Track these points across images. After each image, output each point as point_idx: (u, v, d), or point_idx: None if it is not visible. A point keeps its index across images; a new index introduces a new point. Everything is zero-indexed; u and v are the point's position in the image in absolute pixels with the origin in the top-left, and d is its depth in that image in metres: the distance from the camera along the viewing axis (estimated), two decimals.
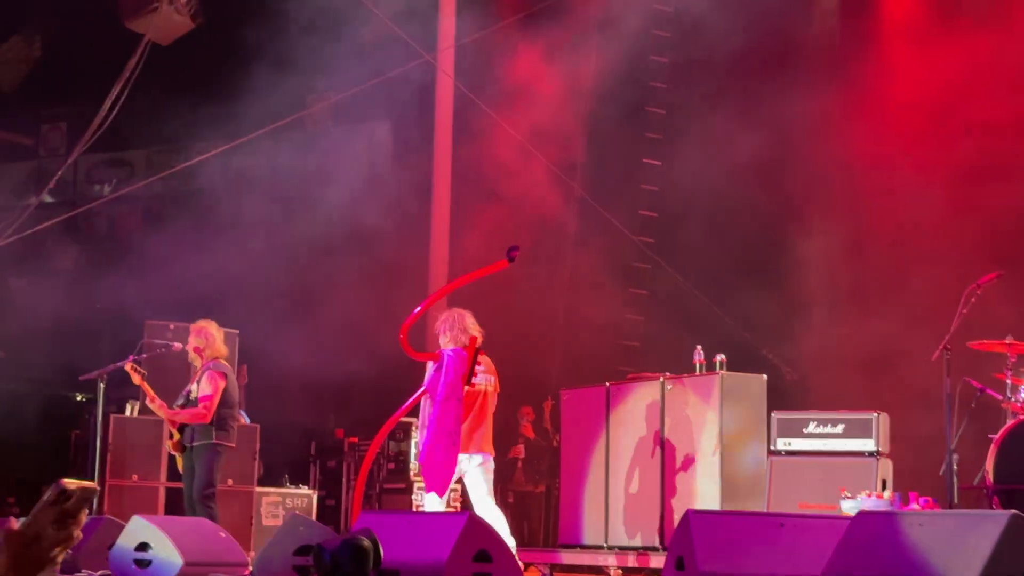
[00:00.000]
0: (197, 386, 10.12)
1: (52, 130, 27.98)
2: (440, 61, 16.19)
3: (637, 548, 10.61)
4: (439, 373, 9.09)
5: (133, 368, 10.20)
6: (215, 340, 10.39)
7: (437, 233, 16.35)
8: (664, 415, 10.60)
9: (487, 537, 6.50)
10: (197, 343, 10.29)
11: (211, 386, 10.05)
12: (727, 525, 5.39)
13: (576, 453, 11.37)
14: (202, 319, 10.59)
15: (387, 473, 14.42)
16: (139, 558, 8.16)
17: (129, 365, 10.26)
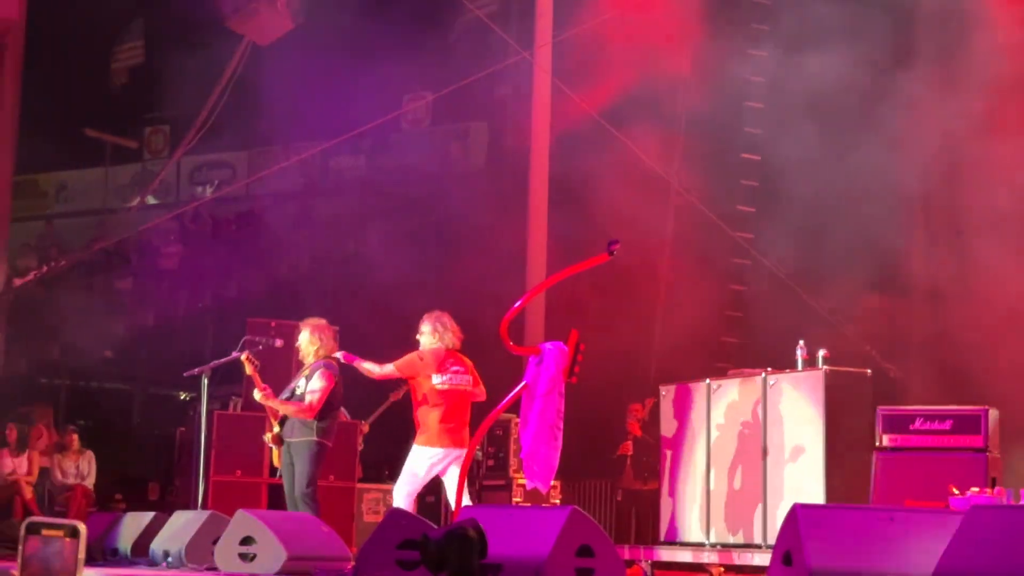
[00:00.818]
0: (305, 382, 10.15)
1: (155, 133, 28.43)
2: (537, 57, 16.16)
3: (739, 545, 10.50)
4: (539, 367, 9.07)
5: (248, 359, 10.24)
6: (328, 338, 10.41)
7: (535, 229, 16.33)
8: (766, 411, 10.48)
9: (590, 532, 6.46)
10: (310, 340, 10.30)
11: (321, 384, 10.07)
12: (835, 519, 5.30)
13: (677, 450, 11.29)
14: (312, 317, 10.62)
15: (487, 470, 14.43)
16: (244, 552, 8.25)
17: (245, 355, 10.28)
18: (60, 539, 1.95)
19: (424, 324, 10.35)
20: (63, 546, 1.95)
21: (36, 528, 1.95)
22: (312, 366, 10.22)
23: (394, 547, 7.38)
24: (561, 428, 9.10)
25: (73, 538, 1.95)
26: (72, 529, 1.96)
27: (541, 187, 16.55)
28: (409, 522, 7.52)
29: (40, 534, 1.95)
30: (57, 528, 1.96)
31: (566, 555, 6.30)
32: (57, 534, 1.95)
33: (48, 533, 1.95)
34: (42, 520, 1.96)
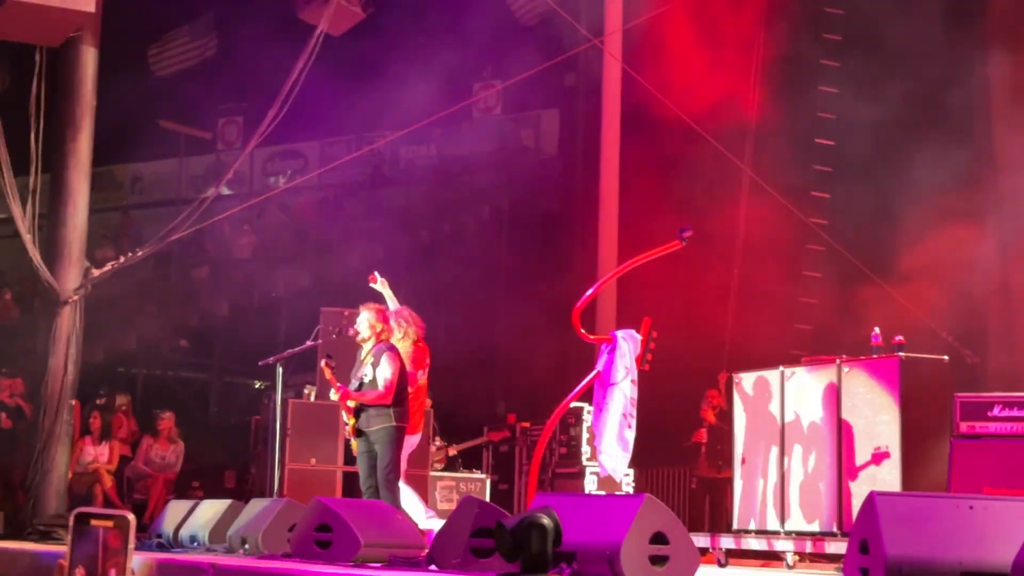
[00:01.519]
0: (372, 368, 10.21)
1: (228, 124, 28.68)
2: (607, 45, 16.11)
3: (814, 533, 10.43)
4: (613, 355, 9.06)
5: (326, 364, 10.33)
6: (387, 322, 10.50)
7: (606, 216, 16.30)
8: (841, 398, 10.39)
9: (664, 519, 6.44)
10: (371, 324, 10.38)
11: (391, 367, 10.14)
12: (913, 507, 5.24)
13: (750, 437, 11.24)
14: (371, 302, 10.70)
15: (559, 458, 14.45)
16: (319, 539, 8.31)
17: (323, 362, 10.40)
18: (109, 529, 1.97)
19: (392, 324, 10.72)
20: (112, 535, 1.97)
21: (85, 518, 1.97)
22: (374, 351, 10.26)
23: (468, 535, 7.42)
24: (635, 416, 9.09)
25: (122, 528, 1.98)
26: (121, 519, 1.98)
27: (612, 174, 16.52)
28: (483, 510, 7.54)
29: (89, 524, 1.97)
30: (106, 518, 1.98)
31: (640, 542, 6.29)
32: (106, 524, 1.98)
33: (97, 523, 1.97)
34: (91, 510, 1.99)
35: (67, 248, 13.50)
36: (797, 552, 10.52)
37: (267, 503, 9.67)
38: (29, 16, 12.29)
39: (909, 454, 9.90)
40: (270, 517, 9.22)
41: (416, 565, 7.72)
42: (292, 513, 9.08)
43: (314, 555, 8.22)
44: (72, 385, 13.17)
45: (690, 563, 6.49)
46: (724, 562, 10.88)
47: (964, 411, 9.90)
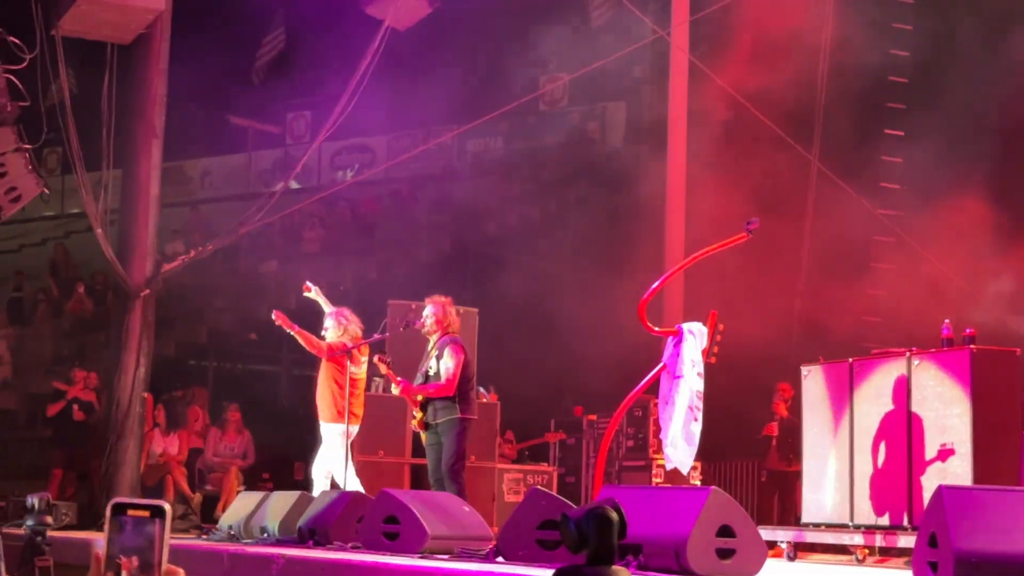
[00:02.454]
0: (437, 361, 10.27)
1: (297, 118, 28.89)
2: (674, 36, 16.05)
3: (884, 527, 10.34)
4: (679, 348, 9.04)
5: (380, 359, 10.44)
6: (452, 315, 10.57)
7: (673, 208, 16.24)
8: (911, 391, 10.29)
9: (731, 512, 6.43)
10: (436, 317, 10.45)
11: (454, 359, 10.21)
12: (982, 501, 5.20)
13: (819, 430, 11.15)
14: (437, 295, 10.76)
15: (626, 451, 14.44)
16: (388, 531, 8.37)
17: (377, 357, 10.53)
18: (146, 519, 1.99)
19: (327, 321, 11.43)
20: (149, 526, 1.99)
21: (122, 508, 1.99)
22: (439, 343, 10.34)
23: (534, 527, 7.44)
24: (701, 409, 9.07)
25: (159, 518, 2.00)
26: (159, 509, 2.00)
27: (679, 166, 16.45)
28: (549, 502, 7.57)
29: (126, 514, 1.99)
30: (143, 508, 2.00)
31: (707, 535, 6.28)
32: (143, 514, 1.99)
33: (134, 513, 1.99)
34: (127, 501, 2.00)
35: (139, 243, 13.68)
36: (866, 546, 10.43)
37: (336, 495, 9.74)
38: (101, 14, 12.48)
39: (981, 448, 9.77)
40: (339, 509, 9.29)
41: (483, 557, 7.75)
42: (360, 505, 9.15)
43: (382, 547, 8.28)
44: (144, 378, 13.34)
45: (757, 556, 6.47)
46: (792, 556, 10.82)
47: None
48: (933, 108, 14.92)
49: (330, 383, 11.17)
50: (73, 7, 12.33)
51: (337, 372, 11.16)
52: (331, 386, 11.15)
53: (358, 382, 11.31)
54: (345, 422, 10.98)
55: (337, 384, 11.11)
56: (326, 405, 11.19)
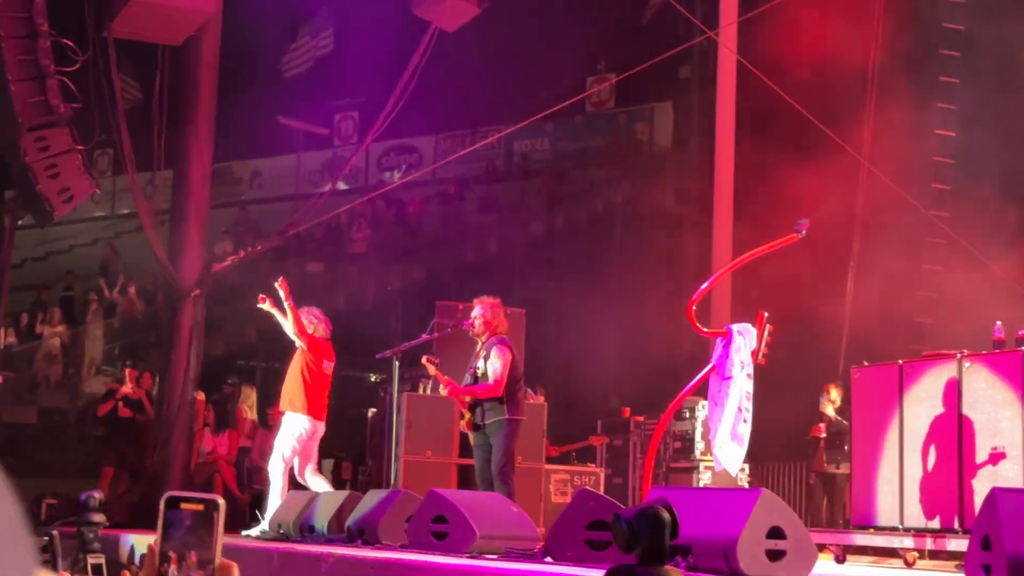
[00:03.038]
0: (485, 362, 10.29)
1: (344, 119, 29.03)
2: (722, 37, 16.00)
3: (935, 530, 10.26)
4: (727, 349, 9.01)
5: (428, 360, 10.47)
6: (500, 316, 10.59)
7: (720, 209, 16.19)
8: (962, 394, 10.20)
9: (781, 513, 6.40)
10: (484, 318, 10.47)
11: (501, 360, 10.22)
12: None
13: (868, 432, 11.08)
14: (486, 296, 10.78)
15: (673, 452, 14.40)
16: (436, 531, 8.39)
17: (425, 358, 10.56)
18: (199, 513, 2.00)
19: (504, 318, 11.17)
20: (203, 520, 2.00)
21: (175, 502, 2.01)
22: (487, 344, 10.36)
23: (583, 527, 7.44)
24: (750, 410, 9.03)
25: (213, 512, 2.01)
26: (213, 503, 2.01)
27: (727, 167, 16.41)
28: (598, 503, 7.56)
29: (179, 508, 2.00)
30: (197, 502, 2.01)
31: (756, 536, 6.25)
32: (197, 508, 2.01)
33: (187, 507, 2.01)
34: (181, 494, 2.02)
35: (189, 243, 13.79)
36: (916, 549, 10.36)
37: (384, 494, 9.78)
38: (152, 16, 12.58)
39: None
40: (387, 508, 9.32)
41: (532, 557, 7.76)
42: (409, 505, 9.18)
43: (431, 546, 8.29)
44: (194, 377, 13.44)
45: (807, 558, 6.43)
46: (842, 558, 10.76)
47: None
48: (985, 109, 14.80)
49: (302, 375, 11.22)
50: (125, 9, 12.45)
51: (312, 365, 11.25)
52: (301, 378, 11.20)
53: (329, 379, 11.49)
54: (307, 415, 11.17)
55: (305, 377, 11.19)
56: (295, 396, 11.23)
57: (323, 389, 11.39)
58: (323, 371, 11.34)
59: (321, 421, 11.48)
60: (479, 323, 10.48)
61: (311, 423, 11.31)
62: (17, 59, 11.96)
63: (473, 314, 10.60)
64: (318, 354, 11.36)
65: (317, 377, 11.31)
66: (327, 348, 11.48)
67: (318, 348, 11.38)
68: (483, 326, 10.47)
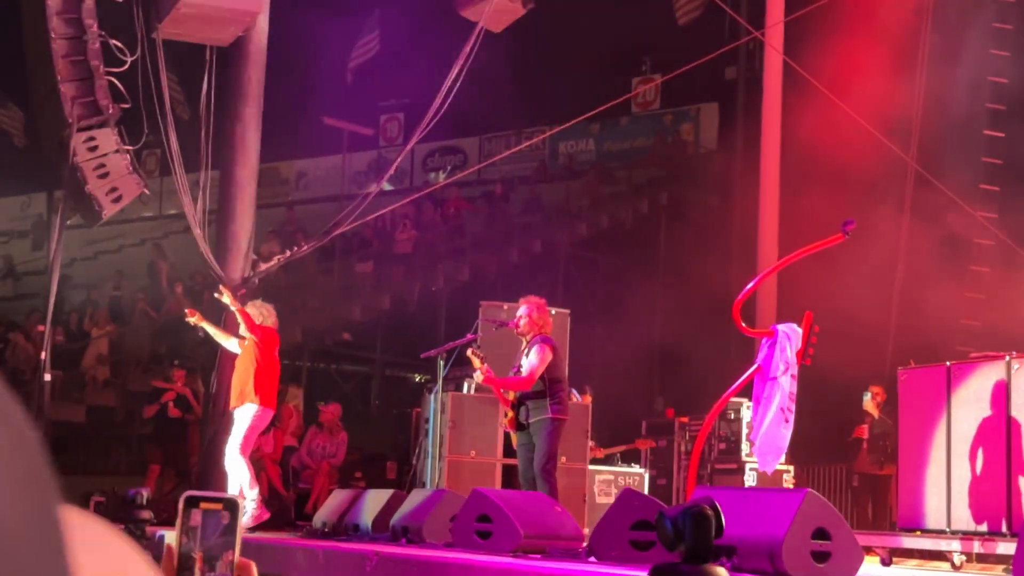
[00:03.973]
0: (526, 360, 10.31)
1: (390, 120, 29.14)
2: (768, 37, 15.94)
3: (983, 534, 10.18)
4: (773, 349, 8.98)
5: (474, 353, 10.49)
6: (546, 316, 10.61)
7: (766, 209, 16.13)
8: (1011, 396, 10.11)
9: (826, 514, 6.37)
10: (530, 317, 10.49)
11: (538, 356, 10.24)
12: None
13: (915, 434, 11.00)
14: (532, 296, 10.79)
15: (718, 453, 14.35)
16: (480, 530, 8.40)
17: (470, 351, 10.57)
18: (219, 512, 2.01)
19: (251, 309, 11.58)
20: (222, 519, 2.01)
21: (195, 501, 2.02)
22: (531, 342, 10.39)
23: (628, 528, 7.44)
24: (793, 411, 9.00)
25: (232, 512, 2.02)
26: (231, 502, 2.02)
27: (773, 167, 16.35)
28: (642, 502, 7.56)
29: (199, 507, 2.01)
30: (216, 501, 2.02)
31: (802, 537, 6.23)
32: (216, 507, 2.02)
33: (207, 506, 2.02)
34: (200, 494, 2.03)
35: (235, 242, 13.86)
36: (964, 552, 10.28)
37: (428, 493, 9.81)
38: (200, 16, 12.68)
39: None
40: (432, 507, 9.35)
41: (576, 556, 7.76)
42: (453, 504, 9.19)
43: (475, 545, 8.31)
44: None
45: (853, 559, 6.40)
46: (888, 561, 10.69)
47: None
48: None
49: (256, 367, 11.29)
50: (173, 10, 12.55)
51: (264, 355, 11.33)
52: (255, 370, 11.27)
53: (279, 366, 11.63)
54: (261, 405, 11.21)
55: (259, 368, 11.27)
56: (248, 389, 11.26)
57: (275, 377, 11.52)
58: (275, 359, 11.46)
59: (273, 410, 11.64)
60: (524, 322, 10.50)
61: (266, 412, 11.41)
62: (67, 59, 12.08)
63: (518, 313, 10.63)
64: (269, 344, 11.45)
65: (270, 365, 11.40)
66: (276, 337, 11.59)
67: (270, 338, 11.47)
68: (528, 326, 10.49)
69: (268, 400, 11.40)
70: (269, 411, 11.52)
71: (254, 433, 11.49)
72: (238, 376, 11.48)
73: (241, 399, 11.35)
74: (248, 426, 11.32)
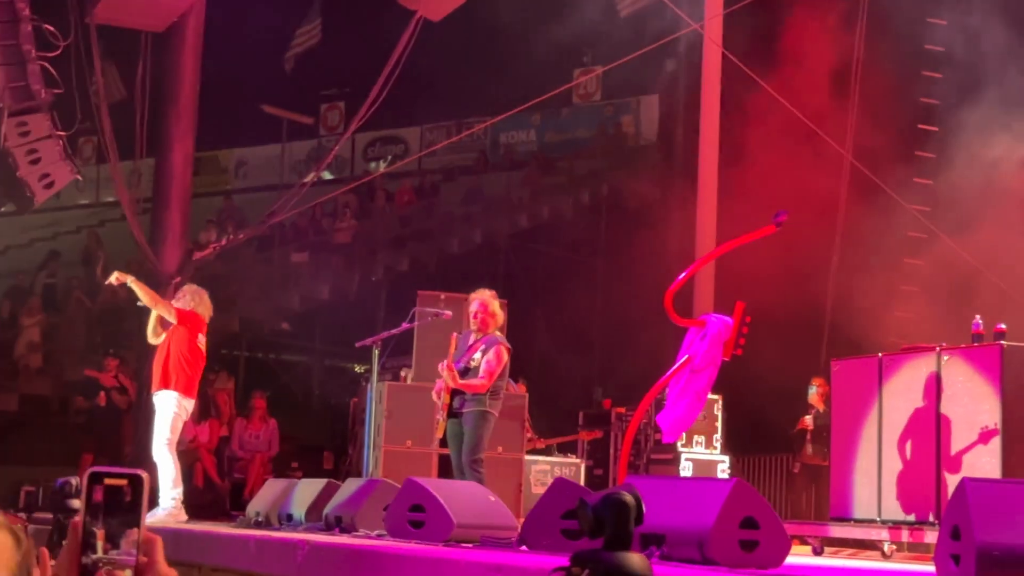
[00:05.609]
0: (481, 356, 10.27)
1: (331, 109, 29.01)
2: (708, 30, 16.00)
3: (911, 523, 10.30)
4: (703, 340, 9.03)
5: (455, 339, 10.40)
6: (499, 309, 10.57)
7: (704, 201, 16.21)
8: (941, 388, 10.23)
9: (754, 504, 6.41)
10: (484, 314, 10.44)
11: (497, 359, 10.21)
12: (1006, 494, 5.17)
13: (847, 425, 11.10)
14: (484, 289, 10.74)
15: (654, 444, 14.41)
16: (413, 519, 8.38)
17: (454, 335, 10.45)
18: (122, 488, 1.99)
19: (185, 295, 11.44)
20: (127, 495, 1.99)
21: (99, 478, 1.99)
22: (486, 339, 10.34)
23: (559, 517, 7.45)
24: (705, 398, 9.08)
25: (135, 488, 1.99)
26: (136, 478, 2.00)
27: (711, 160, 16.42)
28: (574, 492, 7.57)
29: (103, 483, 1.99)
30: (120, 478, 2.00)
31: (730, 526, 6.27)
32: (120, 483, 1.99)
33: (110, 483, 1.99)
34: (105, 470, 2.00)
35: (171, 231, 13.76)
36: (893, 541, 10.40)
37: (362, 483, 9.78)
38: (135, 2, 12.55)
39: (1011, 445, 9.71)
40: (365, 497, 9.32)
41: (507, 546, 7.76)
42: (387, 493, 9.17)
43: (408, 535, 8.29)
44: None
45: (780, 549, 6.44)
46: (819, 550, 10.79)
47: None
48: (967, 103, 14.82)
49: (179, 351, 11.16)
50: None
51: (187, 341, 11.17)
52: (179, 355, 11.14)
53: (204, 354, 11.43)
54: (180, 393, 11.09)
55: (181, 354, 11.12)
56: (170, 375, 11.14)
57: (198, 364, 11.30)
58: (197, 345, 11.23)
59: (194, 398, 11.45)
60: (481, 316, 10.44)
61: (188, 401, 11.25)
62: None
63: (473, 308, 10.55)
64: (192, 328, 11.23)
65: (192, 351, 11.19)
66: (200, 321, 11.34)
67: (192, 322, 11.24)
68: (483, 320, 10.43)
69: (189, 388, 11.20)
70: (190, 399, 11.33)
71: (178, 422, 11.30)
72: (158, 361, 11.30)
73: (160, 384, 11.17)
74: (171, 416, 11.15)
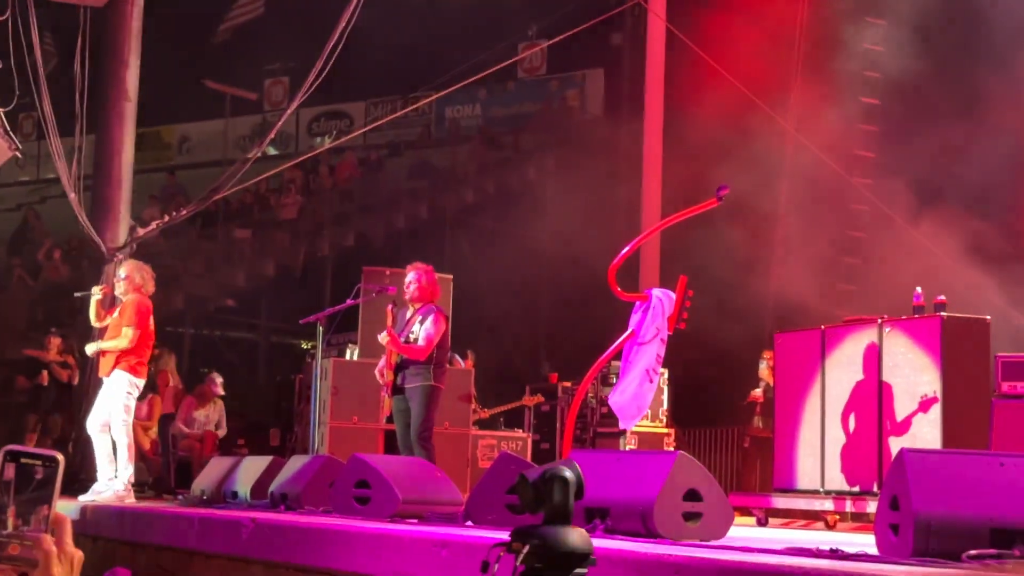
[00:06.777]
0: (419, 327, 10.28)
1: (275, 84, 28.78)
2: (652, 3, 16.01)
3: (854, 493, 10.41)
4: (646, 314, 9.05)
5: (390, 311, 10.44)
6: (435, 282, 10.58)
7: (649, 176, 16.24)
8: (882, 359, 10.33)
9: (697, 476, 6.45)
10: (419, 283, 10.44)
11: (435, 326, 10.22)
12: (943, 464, 5.22)
13: (791, 397, 11.19)
14: (419, 262, 10.74)
15: (600, 417, 14.46)
16: (359, 495, 8.37)
17: (389, 307, 10.49)
18: (34, 467, 1.98)
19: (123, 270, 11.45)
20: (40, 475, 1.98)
21: (15, 456, 1.98)
22: (422, 310, 10.35)
23: (503, 492, 7.45)
24: (658, 373, 9.09)
25: (49, 467, 1.99)
26: (51, 459, 1.99)
27: (656, 133, 16.46)
28: (518, 467, 7.58)
29: (19, 463, 1.98)
30: (36, 457, 1.99)
31: (673, 499, 6.30)
32: (35, 463, 1.98)
33: (27, 462, 1.98)
34: (21, 449, 1.99)
35: (112, 208, 13.62)
36: (837, 511, 10.50)
37: (307, 459, 9.74)
38: None
39: (950, 415, 9.83)
40: (310, 474, 9.29)
41: (452, 521, 7.77)
42: (332, 470, 9.15)
43: (353, 511, 8.28)
44: None
45: (723, 520, 6.49)
46: (764, 521, 10.88)
47: (1006, 371, 9.84)
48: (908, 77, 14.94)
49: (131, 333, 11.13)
50: None
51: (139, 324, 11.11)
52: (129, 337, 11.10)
53: (153, 335, 11.41)
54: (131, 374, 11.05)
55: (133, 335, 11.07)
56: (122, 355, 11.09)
57: (147, 346, 11.29)
58: (148, 329, 11.21)
59: (144, 379, 11.43)
60: (413, 288, 10.45)
61: (140, 380, 11.22)
62: None
63: (408, 280, 10.56)
64: (144, 311, 11.19)
65: (143, 335, 11.15)
66: (149, 307, 11.29)
67: (145, 311, 11.20)
68: (418, 291, 10.45)
69: (139, 369, 11.19)
70: (141, 379, 11.29)
71: (131, 401, 11.26)
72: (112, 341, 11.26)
73: (112, 366, 11.12)
74: (124, 396, 11.11)
